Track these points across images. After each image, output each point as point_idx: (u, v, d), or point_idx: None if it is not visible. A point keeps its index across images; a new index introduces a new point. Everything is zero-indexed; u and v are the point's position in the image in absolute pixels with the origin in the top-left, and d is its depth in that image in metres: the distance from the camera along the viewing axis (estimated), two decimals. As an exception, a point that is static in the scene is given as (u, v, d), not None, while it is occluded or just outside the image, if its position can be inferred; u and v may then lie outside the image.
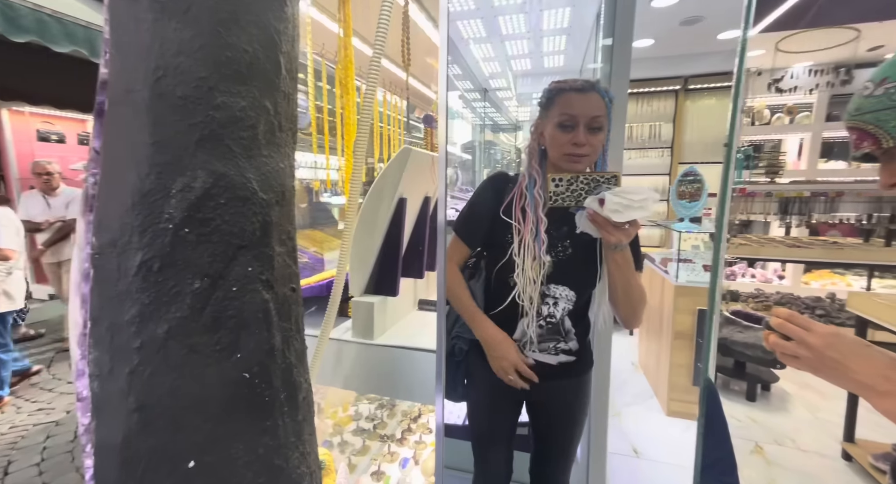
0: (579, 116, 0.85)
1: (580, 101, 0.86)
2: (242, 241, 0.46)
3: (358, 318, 1.25)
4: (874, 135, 0.55)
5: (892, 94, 0.53)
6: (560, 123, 0.87)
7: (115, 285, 0.40)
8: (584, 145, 0.86)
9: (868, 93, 0.55)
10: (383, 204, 1.26)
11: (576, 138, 0.85)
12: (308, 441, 0.58)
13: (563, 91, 0.88)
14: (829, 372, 0.55)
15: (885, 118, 0.54)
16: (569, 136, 0.86)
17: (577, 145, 0.86)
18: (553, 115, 0.89)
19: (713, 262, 0.69)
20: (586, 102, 0.86)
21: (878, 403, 0.51)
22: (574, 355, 0.96)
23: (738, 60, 0.62)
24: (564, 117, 0.86)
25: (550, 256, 0.92)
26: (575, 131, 0.86)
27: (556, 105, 0.88)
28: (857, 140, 0.58)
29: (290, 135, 0.55)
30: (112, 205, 0.40)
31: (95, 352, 0.40)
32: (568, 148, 0.87)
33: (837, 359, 0.54)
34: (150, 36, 0.39)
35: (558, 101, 0.88)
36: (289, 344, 0.54)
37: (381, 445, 1.68)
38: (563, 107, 0.87)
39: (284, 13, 0.50)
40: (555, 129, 0.88)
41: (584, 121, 0.85)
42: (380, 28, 0.66)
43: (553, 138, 0.89)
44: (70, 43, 2.09)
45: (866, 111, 0.56)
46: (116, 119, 0.40)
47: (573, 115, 0.86)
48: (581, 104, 0.86)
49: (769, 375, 2.64)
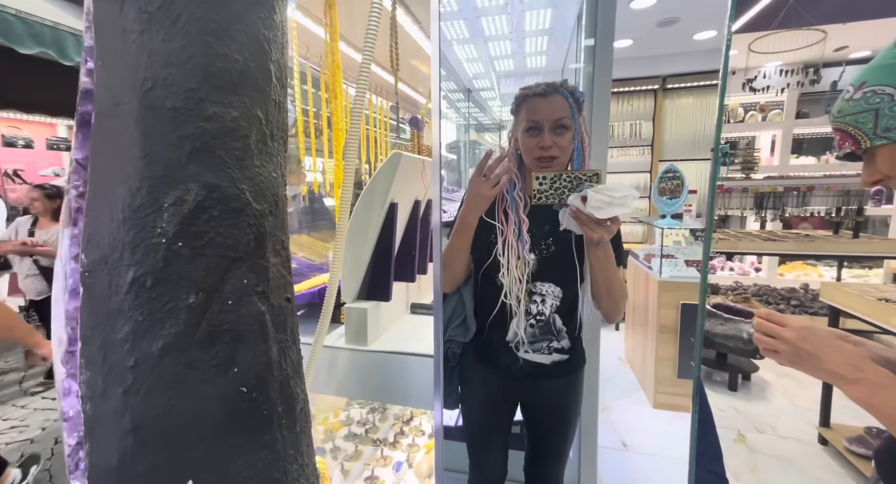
0: (543, 121, 0.89)
1: (543, 105, 0.89)
2: (237, 253, 0.45)
3: (351, 324, 1.24)
4: (854, 136, 0.59)
5: (869, 97, 0.56)
6: (526, 129, 0.92)
7: (106, 303, 0.38)
8: (550, 147, 0.89)
9: (849, 96, 0.59)
10: (374, 209, 1.25)
11: (542, 142, 0.89)
12: (306, 452, 0.57)
13: (528, 97, 0.92)
14: (804, 363, 0.59)
15: (863, 120, 0.57)
16: (535, 140, 0.90)
17: (543, 148, 0.90)
18: (521, 121, 0.93)
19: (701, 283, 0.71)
20: (549, 106, 0.89)
21: (849, 390, 0.55)
22: (567, 353, 0.97)
23: (720, 78, 0.64)
24: (529, 123, 0.91)
25: (534, 254, 0.94)
26: (541, 135, 0.90)
27: (523, 111, 0.93)
28: (839, 141, 0.61)
29: (282, 143, 0.55)
30: (101, 220, 0.39)
31: (87, 372, 0.39)
32: (537, 152, 0.91)
33: (810, 351, 0.58)
34: (137, 47, 0.38)
35: (524, 108, 0.92)
36: (285, 355, 0.53)
37: (374, 449, 1.67)
38: (528, 113, 0.91)
39: (273, 21, 0.50)
40: (523, 135, 0.93)
41: (549, 124, 0.89)
42: (368, 34, 0.66)
43: (523, 144, 0.94)
44: (36, 44, 2.00)
45: (847, 114, 0.59)
46: (104, 132, 0.39)
47: (537, 121, 0.90)
48: (544, 108, 0.89)
49: (749, 366, 2.74)
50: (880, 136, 0.56)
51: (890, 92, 0.54)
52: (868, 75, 0.57)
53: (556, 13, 2.44)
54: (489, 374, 1.02)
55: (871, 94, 0.56)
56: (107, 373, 0.38)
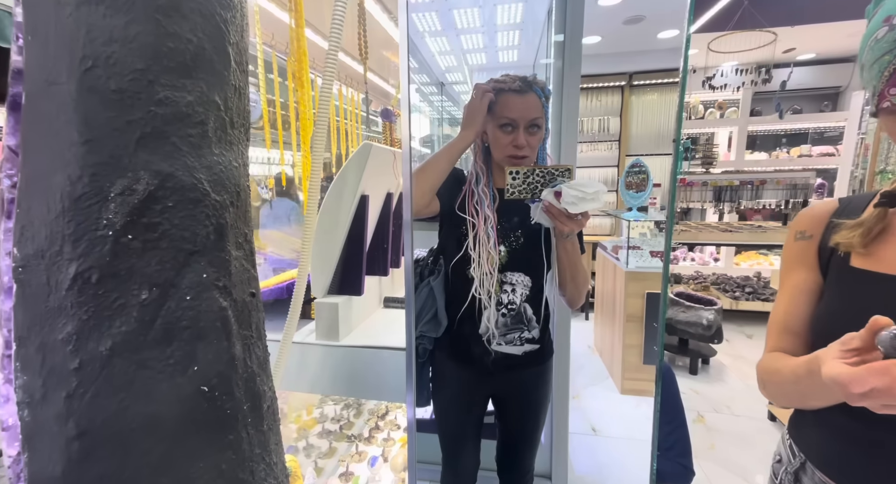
0: (519, 119, 0.89)
1: (519, 103, 0.89)
2: (195, 246, 0.43)
3: (322, 319, 1.21)
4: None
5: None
6: (501, 125, 0.91)
7: (44, 301, 0.35)
8: (524, 147, 0.89)
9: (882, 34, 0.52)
10: (344, 202, 1.22)
11: (517, 141, 0.90)
12: (275, 451, 0.56)
13: (503, 92, 0.91)
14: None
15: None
16: (510, 138, 0.90)
17: (518, 147, 0.90)
18: (494, 116, 0.92)
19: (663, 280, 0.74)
20: (525, 104, 0.89)
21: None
22: (537, 343, 1.00)
23: (681, 74, 0.67)
24: (505, 120, 0.90)
25: (504, 246, 0.95)
26: (515, 133, 0.90)
27: (497, 106, 0.91)
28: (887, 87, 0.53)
29: (243, 131, 0.52)
30: (36, 211, 0.36)
31: (24, 376, 0.35)
32: (510, 150, 0.91)
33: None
34: (74, 22, 0.35)
35: (499, 102, 0.91)
36: (250, 352, 0.51)
37: (349, 445, 1.65)
38: (504, 109, 0.90)
39: (231, 1, 0.47)
40: (496, 131, 0.92)
41: (524, 123, 0.90)
42: (335, 20, 0.63)
43: (495, 139, 0.93)
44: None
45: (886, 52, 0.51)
46: (36, 115, 0.36)
47: (513, 119, 0.90)
48: (520, 107, 0.89)
49: (708, 350, 2.90)
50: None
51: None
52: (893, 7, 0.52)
53: (527, 7, 2.45)
54: (461, 368, 1.03)
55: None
56: (47, 376, 0.35)
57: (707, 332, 2.67)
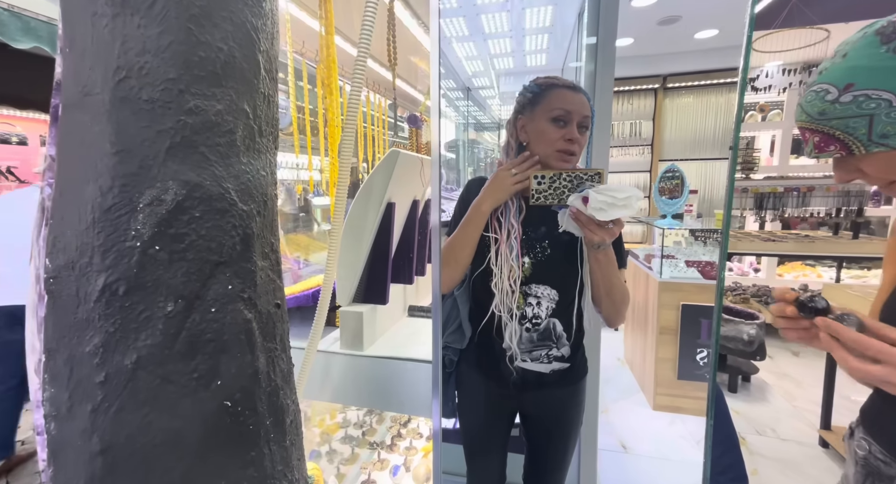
0: (574, 113, 0.84)
1: (574, 98, 0.85)
2: (221, 256, 0.42)
3: (346, 328, 1.20)
4: (843, 141, 0.55)
5: (861, 102, 0.52)
6: (554, 118, 0.85)
7: (73, 313, 0.35)
8: (577, 141, 0.84)
9: (832, 98, 0.54)
10: (371, 209, 1.22)
11: (570, 134, 0.84)
12: (297, 467, 0.54)
13: (556, 87, 0.86)
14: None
15: (855, 126, 0.53)
16: (563, 131, 0.84)
17: (570, 141, 0.84)
18: (544, 110, 0.86)
19: (717, 293, 0.69)
20: (579, 100, 0.85)
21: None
22: (567, 362, 0.94)
23: (740, 75, 0.61)
24: (559, 112, 0.84)
25: (529, 258, 0.90)
26: (569, 127, 0.84)
27: (548, 100, 0.86)
28: (820, 143, 0.58)
29: (272, 140, 0.51)
30: (68, 222, 0.36)
31: (52, 389, 0.35)
32: (561, 144, 0.85)
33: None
34: (109, 33, 0.35)
35: (551, 96, 0.86)
36: (274, 365, 0.50)
37: (371, 452, 1.64)
38: (558, 102, 0.85)
39: (262, 9, 0.46)
40: (547, 124, 0.85)
41: (578, 118, 0.85)
42: (364, 27, 0.62)
43: (544, 133, 0.86)
44: (30, 39, 1.96)
45: (833, 117, 0.55)
46: (72, 125, 0.36)
47: (569, 111, 0.84)
48: (576, 101, 0.85)
49: (749, 367, 2.72)
50: (876, 142, 0.53)
51: (888, 97, 0.51)
52: (856, 76, 0.53)
53: (557, 11, 2.41)
54: (486, 383, 0.98)
55: (865, 98, 0.52)
56: (73, 389, 0.35)
57: (748, 347, 2.51)
